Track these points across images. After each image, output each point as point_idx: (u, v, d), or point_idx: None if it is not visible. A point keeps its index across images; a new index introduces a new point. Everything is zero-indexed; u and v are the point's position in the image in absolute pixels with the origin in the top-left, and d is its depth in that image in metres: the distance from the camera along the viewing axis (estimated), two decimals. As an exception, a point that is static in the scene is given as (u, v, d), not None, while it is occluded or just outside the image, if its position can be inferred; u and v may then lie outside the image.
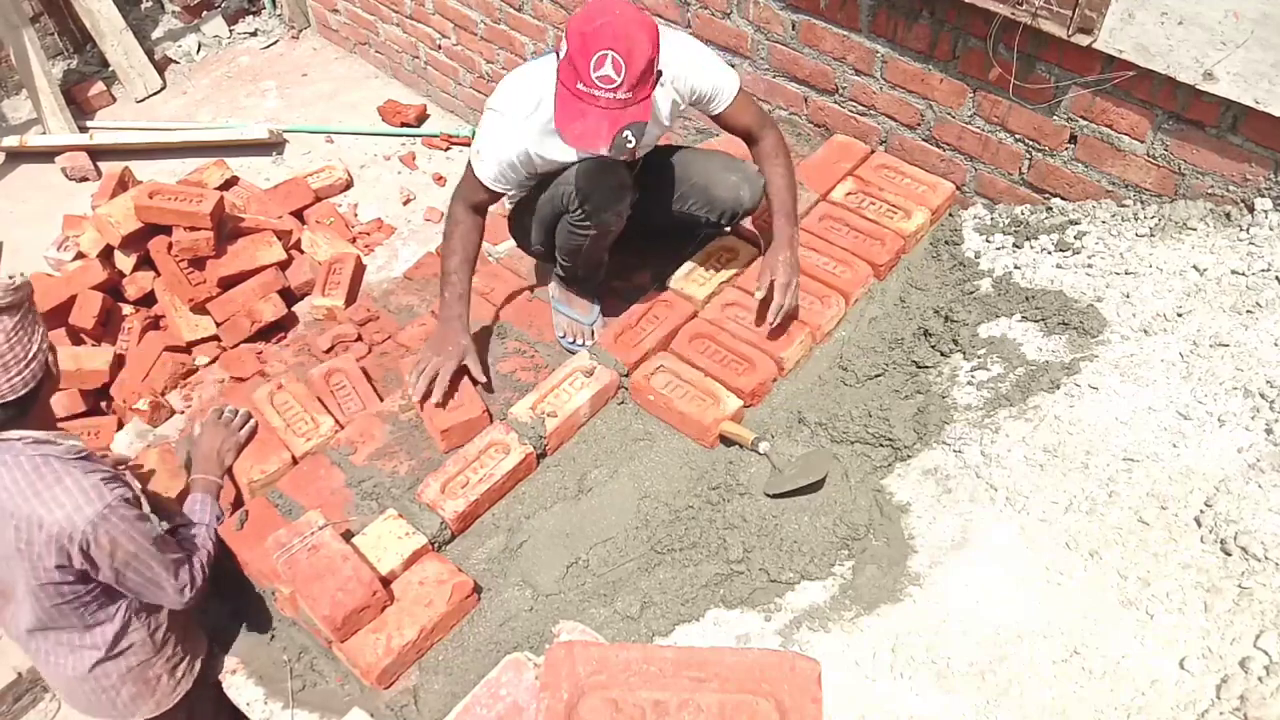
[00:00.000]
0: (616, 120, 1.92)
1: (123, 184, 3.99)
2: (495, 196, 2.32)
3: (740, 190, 2.42)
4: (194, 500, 2.27)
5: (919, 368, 2.43)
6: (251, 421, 2.50)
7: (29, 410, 1.82)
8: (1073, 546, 1.83)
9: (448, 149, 4.72)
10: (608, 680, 1.20)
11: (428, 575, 2.07)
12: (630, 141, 1.93)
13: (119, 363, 3.41)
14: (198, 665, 2.19)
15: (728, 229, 2.67)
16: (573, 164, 2.28)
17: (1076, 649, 1.66)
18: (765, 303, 2.40)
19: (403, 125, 4.81)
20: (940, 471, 2.13)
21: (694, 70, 2.27)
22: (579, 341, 2.58)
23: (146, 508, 1.98)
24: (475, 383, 2.42)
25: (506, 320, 2.72)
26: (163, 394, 3.26)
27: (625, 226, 2.43)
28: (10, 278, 1.77)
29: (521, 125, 2.19)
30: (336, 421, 2.50)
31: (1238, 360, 2.00)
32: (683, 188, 2.49)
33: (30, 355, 1.77)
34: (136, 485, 1.99)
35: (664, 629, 2.00)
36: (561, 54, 1.96)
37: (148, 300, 3.65)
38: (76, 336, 3.52)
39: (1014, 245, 2.60)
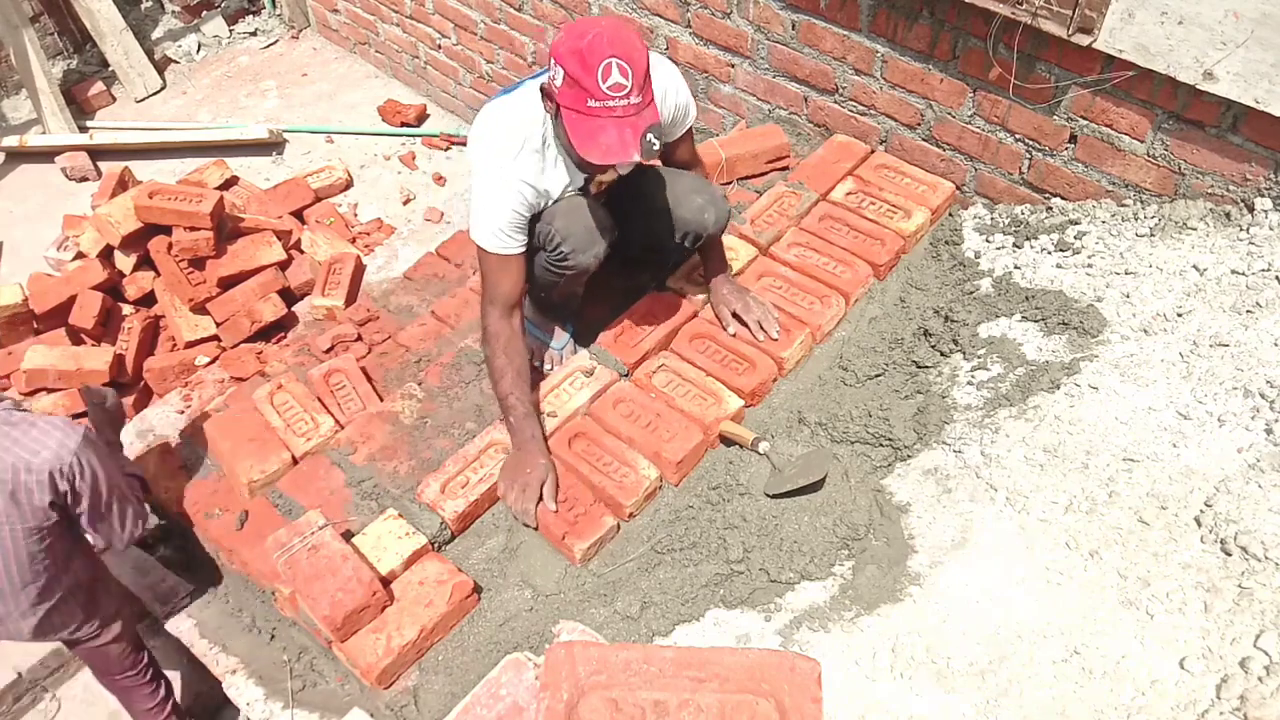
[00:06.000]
0: (638, 126, 1.89)
1: (123, 184, 3.99)
2: (519, 272, 2.18)
3: (705, 213, 2.32)
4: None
5: (919, 368, 2.43)
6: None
7: None
8: (1073, 546, 1.83)
9: (448, 149, 4.72)
10: (608, 680, 1.20)
11: (428, 575, 2.07)
12: (655, 144, 1.90)
13: (118, 362, 3.41)
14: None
15: (690, 249, 2.47)
16: (560, 200, 2.22)
17: (1076, 649, 1.66)
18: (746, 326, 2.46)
19: (403, 125, 4.81)
20: (940, 471, 2.13)
21: (677, 87, 2.21)
22: (547, 366, 2.52)
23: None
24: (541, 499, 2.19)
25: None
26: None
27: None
28: None
29: (511, 167, 2.08)
30: (336, 421, 2.50)
31: (1238, 360, 2.00)
32: (648, 208, 2.39)
33: None
34: None
35: (664, 629, 2.00)
36: (558, 80, 1.90)
37: (148, 300, 3.65)
38: (76, 336, 3.52)
39: (1014, 245, 2.60)
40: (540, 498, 2.17)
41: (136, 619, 2.50)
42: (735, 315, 2.47)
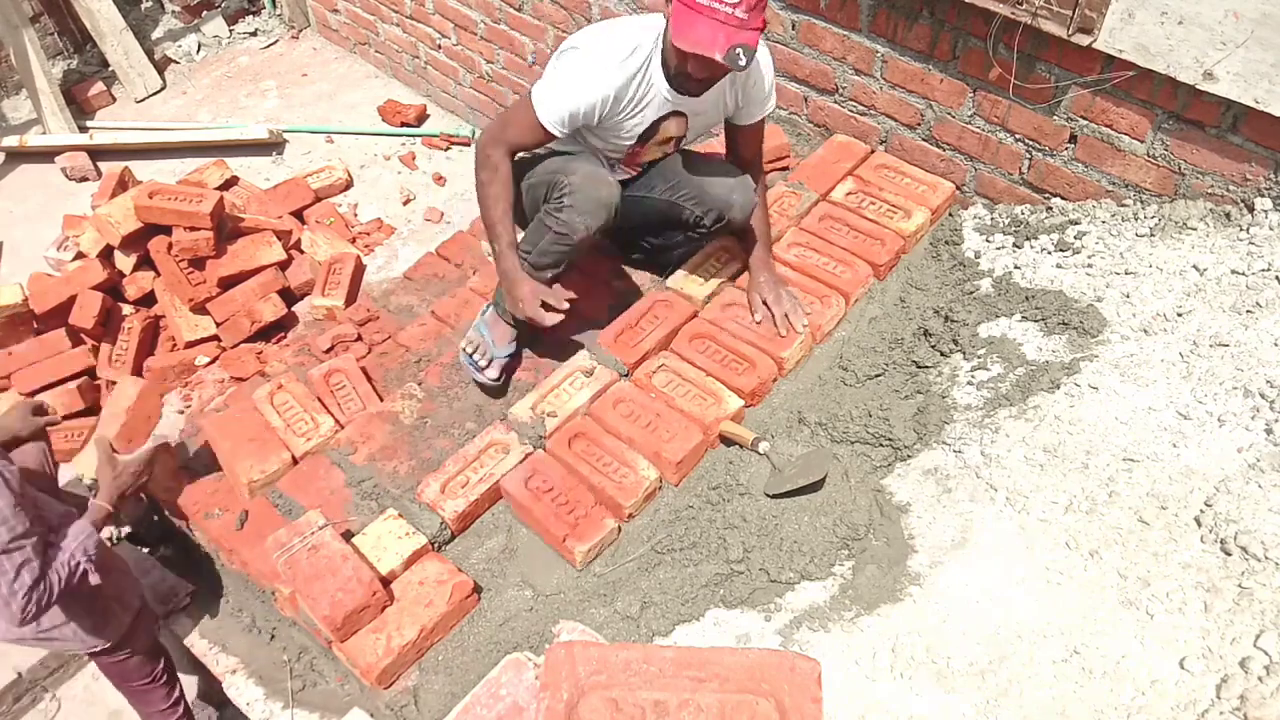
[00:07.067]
0: (732, 35, 1.93)
1: (123, 184, 3.99)
2: (544, 141, 2.24)
3: (732, 194, 2.41)
4: (79, 527, 2.04)
5: (919, 368, 2.43)
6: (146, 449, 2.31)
7: None
8: (1073, 546, 1.83)
9: (448, 149, 4.72)
10: (608, 680, 1.20)
11: (428, 575, 2.07)
12: (742, 60, 1.94)
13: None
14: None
15: (708, 231, 2.54)
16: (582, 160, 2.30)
17: (1076, 649, 1.66)
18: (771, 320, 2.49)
19: (403, 125, 4.81)
20: (940, 471, 2.13)
21: (768, 66, 2.30)
22: (480, 362, 2.48)
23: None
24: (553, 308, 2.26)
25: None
26: None
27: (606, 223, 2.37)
28: None
29: (613, 70, 2.13)
30: (336, 421, 2.50)
31: (1238, 360, 2.00)
32: (679, 178, 2.49)
33: None
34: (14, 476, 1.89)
35: (664, 629, 2.00)
36: None
37: (148, 300, 3.65)
38: (76, 336, 3.52)
39: (1014, 245, 2.60)
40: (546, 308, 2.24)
41: (154, 626, 2.44)
42: (765, 304, 2.50)
